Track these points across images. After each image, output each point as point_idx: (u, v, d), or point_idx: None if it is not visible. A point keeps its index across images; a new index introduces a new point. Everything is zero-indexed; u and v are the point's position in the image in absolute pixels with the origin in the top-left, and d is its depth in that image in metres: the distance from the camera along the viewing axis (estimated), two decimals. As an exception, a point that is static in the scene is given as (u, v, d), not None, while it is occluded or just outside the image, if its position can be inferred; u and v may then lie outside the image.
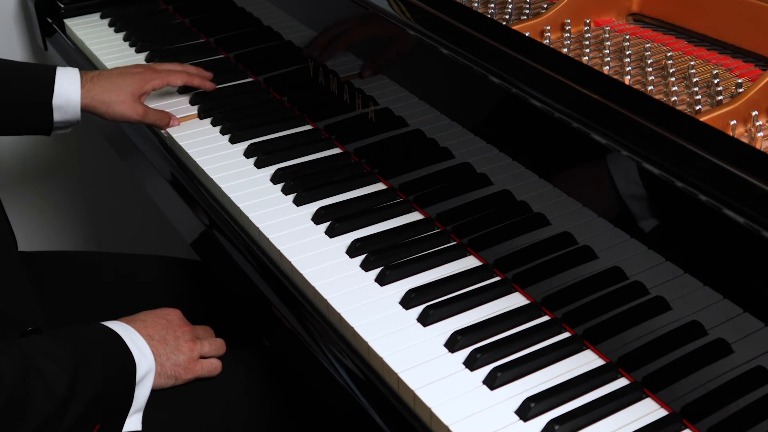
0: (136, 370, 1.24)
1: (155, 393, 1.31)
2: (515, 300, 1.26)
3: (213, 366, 1.38)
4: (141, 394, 1.26)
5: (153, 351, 1.29)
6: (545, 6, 1.49)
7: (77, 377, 1.14)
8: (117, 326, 1.28)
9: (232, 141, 1.63)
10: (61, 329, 1.25)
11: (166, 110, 1.70)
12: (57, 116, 1.61)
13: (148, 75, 1.66)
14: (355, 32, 1.53)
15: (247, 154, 1.59)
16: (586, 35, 1.41)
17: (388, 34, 1.43)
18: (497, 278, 1.30)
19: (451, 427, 1.07)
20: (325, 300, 1.26)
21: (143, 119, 1.65)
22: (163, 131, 1.68)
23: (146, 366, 1.27)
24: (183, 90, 1.79)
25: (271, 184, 1.52)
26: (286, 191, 1.49)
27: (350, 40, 1.54)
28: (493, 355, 1.16)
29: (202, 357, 1.38)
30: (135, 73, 1.66)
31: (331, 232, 1.39)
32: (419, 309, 1.24)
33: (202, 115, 1.72)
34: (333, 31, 1.58)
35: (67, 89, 1.59)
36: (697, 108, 1.23)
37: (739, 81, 1.23)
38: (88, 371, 1.16)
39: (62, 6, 2.11)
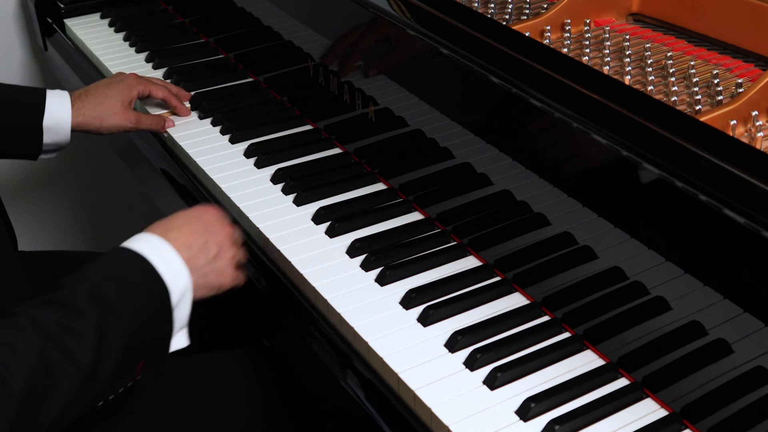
0: (170, 296, 1.15)
1: (152, 396, 1.31)
2: (515, 300, 1.26)
3: (245, 276, 1.30)
4: (180, 315, 1.18)
5: (192, 263, 1.20)
6: (545, 6, 1.49)
7: (103, 336, 1.06)
8: (148, 244, 1.18)
9: (233, 141, 1.63)
10: (82, 270, 1.14)
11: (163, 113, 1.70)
12: (47, 138, 1.60)
13: (131, 81, 1.68)
14: (355, 33, 1.53)
15: (247, 154, 1.59)
16: (586, 35, 1.41)
17: (388, 34, 1.43)
18: (497, 278, 1.30)
19: (451, 428, 1.07)
20: (325, 300, 1.26)
21: (138, 125, 1.65)
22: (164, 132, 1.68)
23: (181, 287, 1.17)
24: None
25: (271, 184, 1.52)
26: (286, 191, 1.49)
27: (351, 42, 1.54)
28: (494, 355, 1.16)
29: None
30: (119, 81, 1.67)
31: (331, 232, 1.39)
32: (419, 309, 1.24)
33: (202, 116, 1.72)
34: (338, 34, 1.58)
35: (58, 110, 1.60)
36: (697, 108, 1.23)
37: (739, 81, 1.23)
38: (116, 322, 1.08)
39: (62, 6, 2.11)
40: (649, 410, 1.10)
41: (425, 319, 1.22)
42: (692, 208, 1.01)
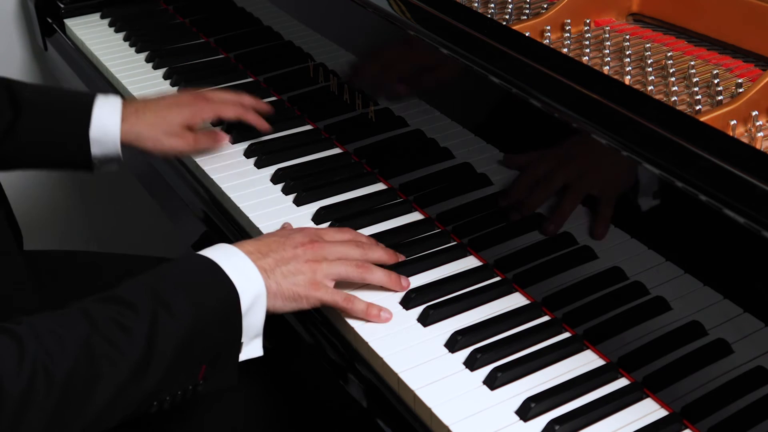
0: (240, 298, 1.11)
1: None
2: (515, 300, 1.26)
3: (342, 296, 1.21)
4: (253, 323, 1.13)
5: (265, 270, 1.15)
6: (545, 6, 1.49)
7: (155, 331, 1.03)
8: (218, 251, 1.15)
9: (233, 141, 1.63)
10: (148, 272, 1.11)
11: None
12: (95, 150, 1.48)
13: (200, 106, 1.54)
14: (354, 34, 1.53)
15: (247, 154, 1.59)
16: (586, 35, 1.41)
17: (387, 34, 1.43)
18: (497, 278, 1.30)
19: (451, 428, 1.07)
20: (325, 300, 1.26)
21: (195, 148, 1.54)
22: None
23: (253, 292, 1.13)
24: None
25: (271, 184, 1.52)
26: (286, 191, 1.49)
27: (352, 42, 1.54)
28: (494, 355, 1.16)
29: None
30: (185, 104, 1.54)
31: (331, 232, 1.39)
32: (419, 309, 1.24)
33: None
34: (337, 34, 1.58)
35: (106, 121, 1.48)
36: (697, 108, 1.23)
37: (739, 81, 1.23)
38: (170, 319, 1.05)
39: (62, 6, 2.11)
40: (649, 410, 1.10)
41: (425, 319, 1.22)
42: (692, 208, 1.01)
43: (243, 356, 1.15)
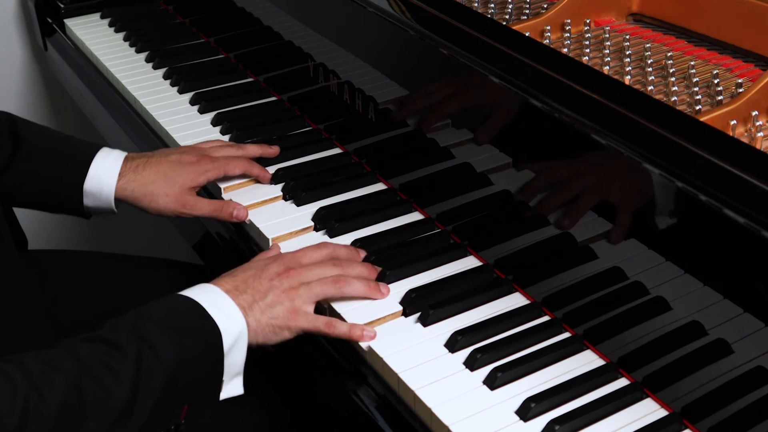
0: (222, 338, 1.12)
1: None
2: (515, 300, 1.26)
3: (323, 322, 1.20)
4: (234, 361, 1.14)
5: (244, 308, 1.16)
6: (545, 6, 1.49)
7: (140, 372, 1.05)
8: (200, 291, 1.16)
9: (233, 141, 1.63)
10: (130, 312, 1.12)
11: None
12: (88, 202, 1.46)
13: (204, 165, 1.47)
14: (354, 34, 1.53)
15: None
16: (586, 35, 1.41)
17: (387, 34, 1.43)
18: (497, 278, 1.30)
19: (451, 428, 1.07)
20: (326, 301, 1.26)
21: (193, 212, 1.44)
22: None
23: (235, 330, 1.14)
24: (181, 90, 1.79)
25: (271, 184, 1.52)
26: (286, 191, 1.49)
27: (352, 43, 1.54)
28: (494, 355, 1.16)
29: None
30: (189, 164, 1.46)
31: (331, 233, 1.39)
32: (419, 309, 1.24)
33: (201, 113, 1.72)
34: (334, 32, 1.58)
35: (103, 176, 1.44)
36: (697, 108, 1.23)
37: (739, 81, 1.23)
38: (155, 359, 1.06)
39: (62, 6, 2.11)
40: (649, 410, 1.10)
41: (425, 319, 1.22)
42: (692, 208, 1.01)
43: (224, 395, 1.16)
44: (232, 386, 1.16)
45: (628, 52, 1.35)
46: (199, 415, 1.13)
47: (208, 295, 1.16)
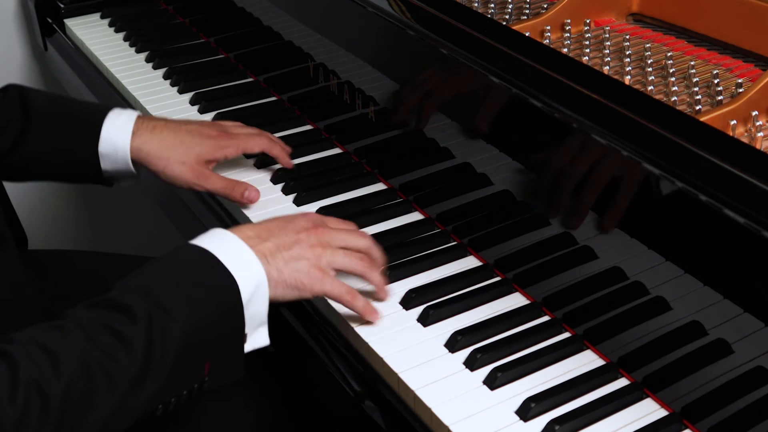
0: (240, 289, 1.06)
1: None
2: (515, 300, 1.26)
3: (346, 289, 1.16)
4: (256, 312, 1.08)
5: (265, 256, 1.10)
6: (545, 6, 1.49)
7: (152, 336, 0.99)
8: (212, 239, 1.10)
9: (232, 141, 1.63)
10: (139, 270, 1.07)
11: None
12: (105, 165, 1.42)
13: (223, 141, 1.44)
14: (354, 34, 1.52)
15: (247, 154, 1.59)
16: (586, 35, 1.41)
17: (387, 34, 1.43)
18: (497, 278, 1.30)
19: (451, 428, 1.07)
20: (326, 301, 1.26)
21: (206, 185, 1.42)
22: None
23: (254, 281, 1.07)
24: (181, 90, 1.79)
25: (271, 184, 1.52)
26: (286, 191, 1.49)
27: (352, 43, 1.54)
28: (493, 355, 1.16)
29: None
30: (208, 136, 1.44)
31: (331, 232, 1.39)
32: (419, 309, 1.24)
33: (201, 113, 1.72)
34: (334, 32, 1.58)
35: (116, 136, 1.40)
36: (697, 108, 1.23)
37: (739, 81, 1.23)
38: (168, 320, 1.00)
39: (62, 6, 2.11)
40: (649, 410, 1.10)
41: (425, 319, 1.22)
42: (692, 208, 1.01)
43: (248, 347, 1.10)
44: (257, 337, 1.10)
45: (628, 52, 1.35)
46: (224, 371, 1.07)
47: (222, 243, 1.09)
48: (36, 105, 1.45)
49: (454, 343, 1.18)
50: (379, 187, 1.50)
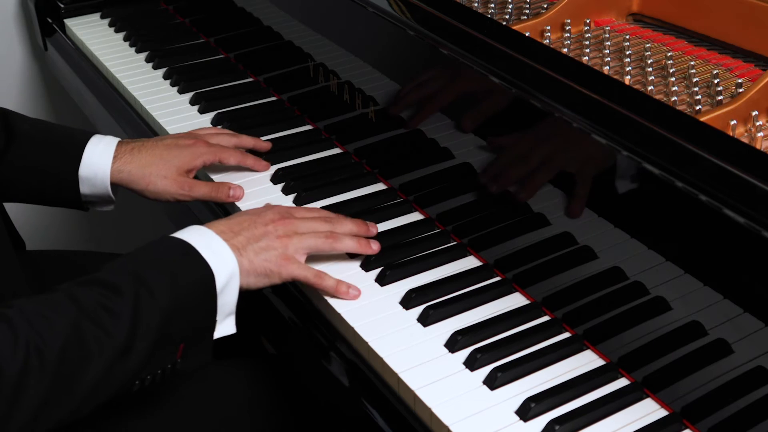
0: (215, 278, 1.14)
1: (150, 402, 1.30)
2: (515, 300, 1.26)
3: (313, 272, 1.24)
4: (227, 301, 1.17)
5: (238, 248, 1.19)
6: (545, 6, 1.49)
7: (138, 313, 1.07)
8: (192, 233, 1.18)
9: (232, 141, 1.63)
10: (124, 255, 1.15)
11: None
12: (84, 189, 1.45)
13: (200, 149, 1.48)
14: (355, 34, 1.53)
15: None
16: (586, 35, 1.41)
17: (387, 34, 1.43)
18: (497, 278, 1.30)
19: (451, 428, 1.07)
20: (325, 300, 1.26)
21: (191, 194, 1.45)
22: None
23: (227, 271, 1.16)
24: (181, 90, 1.79)
25: (271, 184, 1.52)
26: (286, 191, 1.49)
27: (352, 42, 1.54)
28: (494, 355, 1.16)
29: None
30: (184, 146, 1.47)
31: (331, 232, 1.39)
32: (419, 309, 1.24)
33: (201, 113, 1.72)
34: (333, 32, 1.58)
35: (96, 160, 1.44)
36: (697, 108, 1.23)
37: (739, 81, 1.23)
38: (152, 300, 1.08)
39: (62, 6, 2.11)
40: (649, 410, 1.10)
41: (425, 319, 1.22)
42: (692, 208, 1.01)
43: (217, 334, 1.18)
44: (225, 326, 1.18)
45: (628, 52, 1.35)
46: (195, 354, 1.15)
47: (200, 237, 1.18)
48: (18, 126, 1.48)
49: (454, 343, 1.18)
50: (379, 187, 1.50)
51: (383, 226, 1.40)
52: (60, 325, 1.03)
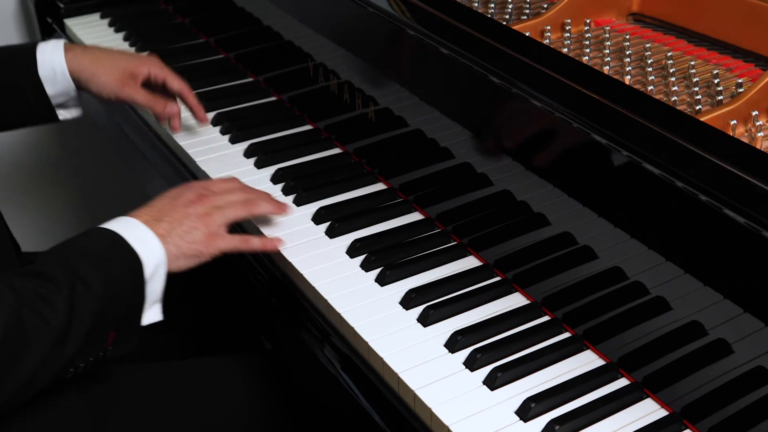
0: (143, 267, 1.18)
1: (150, 400, 1.31)
2: (515, 300, 1.26)
3: (238, 239, 1.30)
4: (154, 289, 1.21)
5: (163, 236, 1.22)
6: (545, 6, 1.49)
7: (74, 302, 1.10)
8: (118, 223, 1.22)
9: (233, 141, 1.63)
10: (56, 246, 1.19)
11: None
12: (50, 89, 1.53)
13: (150, 60, 1.59)
14: (355, 34, 1.52)
15: (247, 154, 1.59)
16: (586, 35, 1.41)
17: (387, 33, 1.43)
18: (497, 278, 1.30)
19: (451, 428, 1.07)
20: (326, 300, 1.26)
21: (133, 96, 1.55)
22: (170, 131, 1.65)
23: (155, 260, 1.20)
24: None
25: (271, 184, 1.52)
26: (286, 191, 1.49)
27: (352, 42, 1.54)
28: (494, 355, 1.16)
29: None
30: (135, 55, 1.58)
31: (331, 233, 1.39)
32: (419, 309, 1.24)
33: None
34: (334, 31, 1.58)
35: (51, 57, 1.53)
36: (697, 108, 1.23)
37: (739, 81, 1.23)
38: (86, 290, 1.12)
39: (62, 6, 2.11)
40: (649, 410, 1.10)
41: (425, 319, 1.22)
42: (692, 208, 1.01)
43: (144, 321, 1.21)
44: (152, 312, 1.22)
45: (628, 52, 1.35)
46: (124, 342, 1.18)
47: (129, 228, 1.21)
48: None
49: (454, 343, 1.18)
50: (379, 187, 1.50)
51: (383, 226, 1.41)
52: (1, 312, 1.05)
